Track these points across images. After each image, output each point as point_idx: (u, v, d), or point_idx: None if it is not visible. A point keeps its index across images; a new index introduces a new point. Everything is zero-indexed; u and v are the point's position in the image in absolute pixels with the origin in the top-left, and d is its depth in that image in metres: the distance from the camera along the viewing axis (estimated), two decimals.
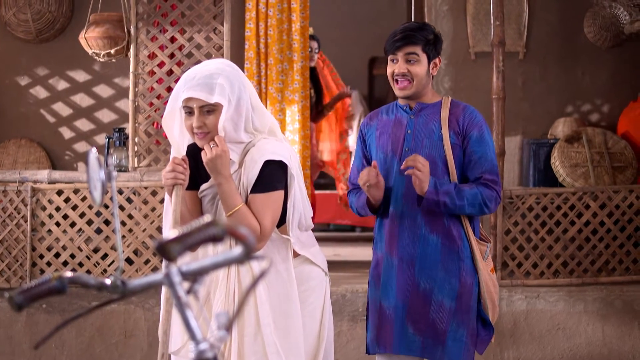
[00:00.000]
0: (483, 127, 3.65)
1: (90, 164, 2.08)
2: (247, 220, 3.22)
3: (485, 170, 3.59)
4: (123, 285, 1.98)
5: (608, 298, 5.71)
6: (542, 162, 6.45)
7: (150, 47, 5.94)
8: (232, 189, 3.24)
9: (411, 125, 3.66)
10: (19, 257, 5.69)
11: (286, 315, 3.37)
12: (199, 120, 3.22)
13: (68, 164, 6.81)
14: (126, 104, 6.57)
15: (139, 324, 5.65)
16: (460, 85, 6.72)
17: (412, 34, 3.63)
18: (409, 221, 3.63)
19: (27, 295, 1.94)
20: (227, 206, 3.24)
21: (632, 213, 5.82)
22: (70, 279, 1.98)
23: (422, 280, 3.61)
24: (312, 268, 3.51)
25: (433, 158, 3.58)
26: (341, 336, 5.61)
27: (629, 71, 6.80)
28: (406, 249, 3.63)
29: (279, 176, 3.30)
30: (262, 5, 6.63)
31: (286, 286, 3.38)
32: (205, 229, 1.80)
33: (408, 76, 3.62)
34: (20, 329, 5.67)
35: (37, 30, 6.59)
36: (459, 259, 3.61)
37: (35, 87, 6.84)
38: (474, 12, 6.72)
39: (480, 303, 3.67)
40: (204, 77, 3.21)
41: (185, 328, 1.88)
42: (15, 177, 5.71)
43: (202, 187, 3.39)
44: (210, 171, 3.25)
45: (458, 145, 3.60)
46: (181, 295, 1.88)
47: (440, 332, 3.60)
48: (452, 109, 3.66)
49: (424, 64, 3.63)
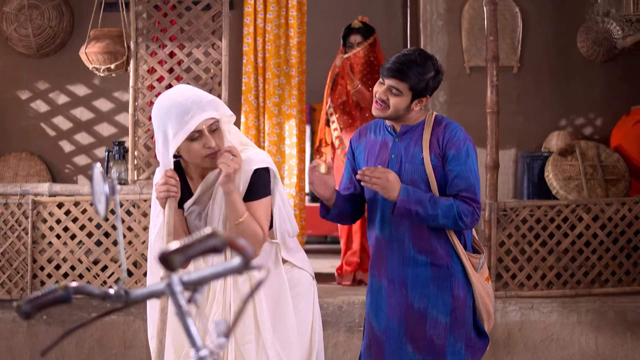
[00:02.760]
0: (461, 146, 3.61)
1: (95, 178, 2.15)
2: (253, 227, 3.31)
3: (462, 189, 3.57)
4: (126, 295, 2.05)
5: (601, 309, 5.76)
6: (536, 175, 6.52)
7: (150, 62, 6.02)
8: (239, 198, 3.32)
9: (395, 149, 3.69)
10: (20, 268, 5.76)
11: (282, 318, 3.46)
12: (212, 140, 3.27)
13: (68, 177, 6.88)
14: (125, 117, 6.65)
15: (138, 335, 5.70)
16: (455, 100, 6.80)
17: (405, 70, 3.59)
18: (397, 244, 3.66)
19: (34, 304, 2.01)
20: (236, 215, 3.31)
21: (625, 225, 5.89)
22: (76, 289, 2.05)
23: (415, 300, 3.65)
24: (301, 273, 3.60)
25: (415, 181, 3.60)
26: (338, 347, 5.67)
27: (621, 85, 6.89)
28: (395, 271, 3.67)
29: (268, 182, 3.41)
30: (259, 20, 6.72)
31: (280, 290, 3.47)
32: (205, 240, 1.88)
33: (387, 103, 3.66)
34: (20, 340, 5.72)
35: (37, 45, 6.68)
36: (450, 275, 3.64)
37: (35, 101, 6.93)
38: (468, 27, 6.81)
39: (476, 314, 3.73)
40: (200, 99, 3.27)
41: (186, 336, 1.95)
42: (16, 190, 5.78)
43: (187, 204, 3.46)
44: (227, 181, 3.29)
45: (439, 167, 3.61)
46: (183, 304, 1.95)
47: (438, 347, 3.64)
48: (435, 128, 3.66)
49: (405, 99, 3.61)
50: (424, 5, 6.90)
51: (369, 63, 6.65)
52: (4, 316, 5.73)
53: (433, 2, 6.87)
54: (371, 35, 6.75)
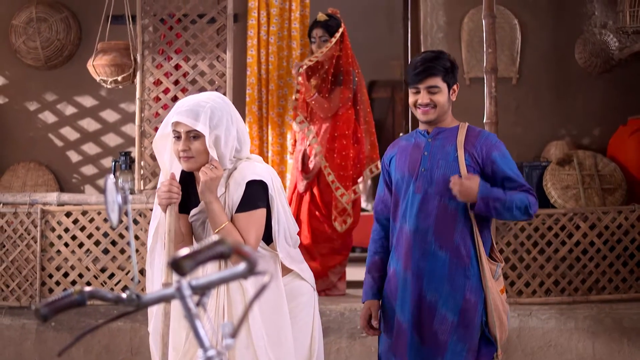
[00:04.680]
0: (502, 147, 3.82)
1: (108, 189, 2.28)
2: (232, 236, 3.40)
3: (522, 184, 3.76)
4: (138, 299, 2.17)
5: (598, 316, 5.83)
6: (535, 184, 6.58)
7: (156, 74, 6.12)
8: (220, 208, 3.45)
9: (428, 147, 3.84)
10: (29, 276, 5.86)
11: (277, 327, 3.54)
12: (184, 144, 3.42)
13: (75, 187, 6.99)
14: (131, 128, 6.76)
15: (144, 341, 5.75)
16: (455, 110, 6.72)
17: (432, 65, 3.77)
18: (420, 237, 3.78)
19: (51, 308, 2.13)
20: (215, 224, 3.44)
21: (621, 233, 5.98)
22: (90, 293, 2.17)
23: (428, 293, 3.77)
24: (302, 284, 3.69)
25: (447, 177, 3.76)
26: (340, 353, 5.75)
27: (618, 96, 6.98)
28: (417, 264, 3.78)
29: (260, 195, 3.49)
30: (263, 33, 6.82)
31: (276, 299, 3.55)
32: (213, 247, 2.01)
33: (431, 104, 3.80)
34: (29, 346, 5.81)
35: (46, 57, 6.81)
36: (465, 277, 3.75)
37: (43, 112, 7.05)
38: (468, 39, 6.92)
39: (485, 321, 3.80)
40: (193, 105, 3.42)
41: (195, 337, 2.07)
42: (25, 199, 5.90)
43: (192, 212, 3.58)
44: (204, 191, 3.43)
45: (472, 167, 3.77)
46: (191, 307, 2.08)
47: (441, 343, 3.75)
48: (469, 133, 3.84)
49: (445, 92, 3.80)
50: (425, 18, 7.01)
51: (337, 65, 6.37)
52: (13, 323, 5.82)
53: (433, 14, 6.97)
54: (336, 32, 6.36)
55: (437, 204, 3.75)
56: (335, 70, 6.38)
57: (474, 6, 6.81)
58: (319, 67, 6.40)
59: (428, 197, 3.76)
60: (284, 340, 3.54)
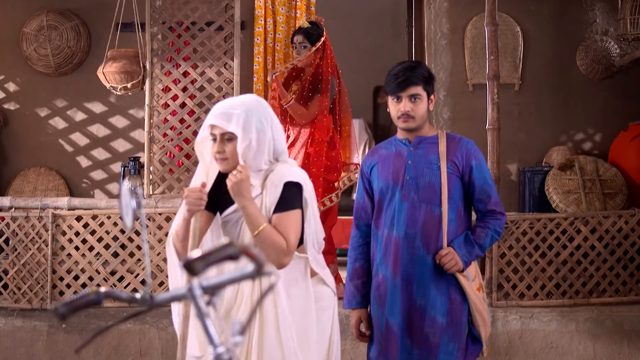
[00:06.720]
0: (479, 156, 3.95)
1: (123, 194, 2.38)
2: (272, 237, 3.43)
3: (490, 199, 3.92)
4: (151, 299, 2.27)
5: (599, 318, 5.87)
6: (537, 189, 6.66)
7: (165, 81, 6.21)
8: (256, 210, 3.47)
9: (411, 156, 3.95)
10: (40, 279, 5.94)
11: (305, 328, 3.59)
12: (219, 146, 3.48)
13: (85, 191, 7.07)
14: (140, 134, 6.85)
15: (153, 342, 5.84)
16: (458, 116, 6.95)
17: (413, 74, 3.89)
18: (409, 243, 3.90)
19: (70, 307, 2.23)
20: (253, 227, 3.46)
21: (622, 237, 6.02)
22: (105, 293, 2.27)
23: (418, 298, 3.90)
24: (324, 288, 3.75)
25: (432, 184, 3.88)
26: (345, 354, 5.80)
27: (619, 102, 7.07)
28: (406, 269, 3.91)
29: (297, 197, 3.53)
30: (269, 40, 6.90)
31: (306, 301, 3.61)
32: (223, 249, 2.12)
33: (412, 114, 3.90)
34: (40, 347, 5.86)
35: (56, 64, 6.91)
36: (448, 278, 3.89)
37: (54, 118, 7.16)
38: (471, 46, 6.99)
39: (471, 319, 3.95)
40: (227, 107, 3.47)
41: (205, 334, 2.17)
42: (37, 204, 5.98)
43: (226, 212, 3.62)
44: (234, 195, 3.47)
45: (454, 175, 3.90)
46: (202, 306, 2.18)
47: (433, 345, 3.87)
48: (449, 142, 3.96)
49: (425, 101, 3.92)
50: (429, 25, 7.09)
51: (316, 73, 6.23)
52: (24, 325, 5.88)
53: (437, 22, 7.05)
54: (317, 40, 6.20)
55: (423, 210, 3.88)
56: (315, 78, 6.24)
57: (477, 14, 6.89)
58: (301, 74, 6.38)
59: (414, 205, 3.88)
60: (311, 342, 3.59)
